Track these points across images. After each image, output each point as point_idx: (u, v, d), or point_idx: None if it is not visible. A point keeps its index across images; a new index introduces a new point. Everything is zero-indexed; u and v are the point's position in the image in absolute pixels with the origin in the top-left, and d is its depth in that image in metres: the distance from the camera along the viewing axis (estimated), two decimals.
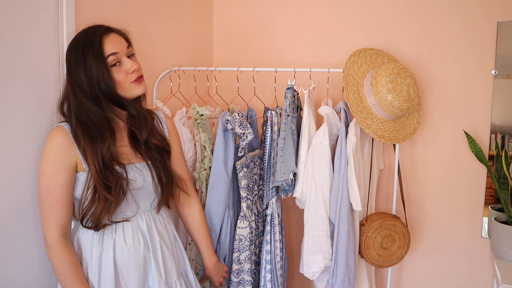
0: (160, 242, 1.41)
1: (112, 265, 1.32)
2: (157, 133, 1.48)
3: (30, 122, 1.39)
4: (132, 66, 1.32)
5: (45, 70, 1.43)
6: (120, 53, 1.31)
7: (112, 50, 1.29)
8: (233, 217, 1.81)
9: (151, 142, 1.44)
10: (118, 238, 1.34)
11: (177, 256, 1.50)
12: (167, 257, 1.42)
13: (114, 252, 1.33)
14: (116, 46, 1.30)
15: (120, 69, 1.31)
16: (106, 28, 1.33)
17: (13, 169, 1.35)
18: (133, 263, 1.35)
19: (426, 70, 2.00)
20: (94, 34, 1.29)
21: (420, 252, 2.09)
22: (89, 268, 1.32)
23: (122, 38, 1.36)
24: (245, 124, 1.71)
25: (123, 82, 1.31)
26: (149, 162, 1.42)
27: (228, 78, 2.22)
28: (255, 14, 2.30)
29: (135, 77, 1.33)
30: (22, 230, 1.39)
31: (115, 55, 1.30)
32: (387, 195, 2.09)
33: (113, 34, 1.33)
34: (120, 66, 1.31)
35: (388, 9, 2.04)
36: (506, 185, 1.81)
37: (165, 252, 1.42)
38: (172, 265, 1.44)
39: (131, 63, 1.33)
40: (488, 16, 1.88)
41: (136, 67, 1.34)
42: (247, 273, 1.77)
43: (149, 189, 1.41)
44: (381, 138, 1.72)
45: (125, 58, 1.33)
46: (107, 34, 1.31)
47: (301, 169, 1.73)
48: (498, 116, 1.90)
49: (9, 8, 1.31)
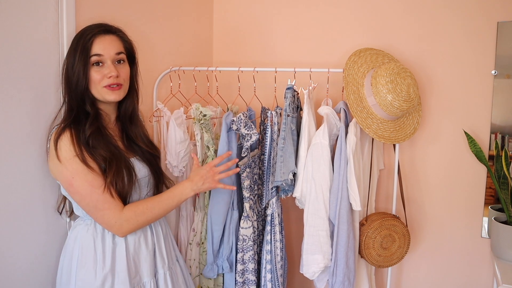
0: (160, 230, 1.51)
1: (125, 255, 1.37)
2: (146, 139, 1.54)
3: (30, 122, 1.39)
4: (110, 72, 1.35)
5: (45, 70, 1.43)
6: (105, 56, 1.35)
7: (97, 51, 1.34)
8: (237, 217, 1.81)
9: (141, 146, 1.50)
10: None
11: (171, 243, 1.59)
12: (166, 244, 1.53)
13: (126, 242, 1.39)
14: (103, 48, 1.35)
15: (99, 70, 1.36)
16: (105, 29, 1.37)
17: (13, 168, 1.35)
18: (144, 252, 1.42)
19: (426, 70, 2.00)
20: (91, 31, 1.35)
21: (420, 252, 2.09)
22: (102, 259, 1.35)
23: (119, 43, 1.40)
24: (250, 124, 1.72)
25: (97, 83, 1.36)
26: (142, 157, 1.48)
27: (228, 78, 2.22)
28: (255, 14, 2.30)
29: (109, 83, 1.36)
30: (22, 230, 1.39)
31: (99, 56, 1.34)
32: (387, 195, 2.09)
33: (110, 36, 1.37)
34: (101, 67, 1.36)
35: (388, 9, 2.04)
36: (506, 185, 1.81)
37: (164, 239, 1.52)
38: (169, 251, 1.55)
39: (110, 69, 1.36)
40: (488, 16, 1.88)
41: (114, 74, 1.36)
42: (251, 273, 1.78)
43: (145, 181, 1.47)
44: (381, 138, 1.72)
45: (109, 63, 1.36)
46: (103, 34, 1.35)
47: (301, 169, 1.73)
48: (498, 116, 1.90)
49: (9, 8, 1.31)
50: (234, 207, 1.80)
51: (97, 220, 1.34)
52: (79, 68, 1.32)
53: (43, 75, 1.43)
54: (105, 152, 1.33)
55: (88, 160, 1.29)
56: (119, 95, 1.40)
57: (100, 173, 1.31)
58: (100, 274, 1.33)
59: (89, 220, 1.38)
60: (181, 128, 1.77)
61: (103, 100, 1.40)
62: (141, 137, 1.51)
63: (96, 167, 1.31)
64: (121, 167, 1.35)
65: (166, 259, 1.51)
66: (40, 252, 1.45)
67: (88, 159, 1.29)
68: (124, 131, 1.49)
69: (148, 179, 1.47)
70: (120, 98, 1.42)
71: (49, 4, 1.43)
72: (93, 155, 1.30)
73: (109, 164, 1.32)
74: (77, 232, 1.39)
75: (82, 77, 1.32)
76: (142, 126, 1.56)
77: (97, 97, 1.38)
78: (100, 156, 1.31)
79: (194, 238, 1.86)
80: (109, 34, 1.37)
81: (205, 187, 1.49)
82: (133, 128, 1.50)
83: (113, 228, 1.33)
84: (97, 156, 1.31)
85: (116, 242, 1.38)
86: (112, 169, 1.32)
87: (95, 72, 1.35)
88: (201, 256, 1.86)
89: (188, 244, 1.87)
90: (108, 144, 1.36)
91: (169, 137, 1.77)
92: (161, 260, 1.49)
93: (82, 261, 1.34)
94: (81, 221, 1.41)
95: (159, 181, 1.52)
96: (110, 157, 1.33)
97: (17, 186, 1.36)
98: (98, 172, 1.31)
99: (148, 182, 1.47)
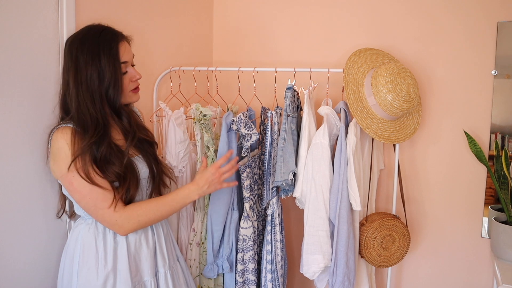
0: (161, 229, 1.51)
1: (126, 253, 1.37)
2: (142, 128, 1.54)
3: (30, 121, 1.39)
4: (135, 76, 1.43)
5: (45, 70, 1.43)
6: (129, 62, 1.41)
7: (125, 59, 1.39)
8: (237, 217, 1.81)
9: (139, 136, 1.50)
10: None
11: (172, 242, 1.59)
12: (167, 244, 1.53)
13: (127, 240, 1.39)
14: (128, 55, 1.41)
15: (126, 77, 1.40)
16: (121, 34, 1.40)
17: (13, 168, 1.35)
18: (145, 250, 1.43)
19: (426, 70, 2.00)
20: (112, 39, 1.35)
21: (420, 252, 2.09)
22: (104, 259, 1.35)
23: (130, 47, 1.44)
24: (250, 124, 1.72)
25: (126, 88, 1.41)
26: (142, 155, 1.47)
27: (228, 78, 2.22)
28: (255, 14, 2.30)
29: (134, 86, 1.45)
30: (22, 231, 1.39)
31: (126, 63, 1.39)
32: (387, 195, 2.09)
33: (125, 42, 1.41)
34: (126, 74, 1.40)
35: (388, 9, 2.04)
36: (506, 185, 1.81)
37: (165, 239, 1.52)
38: (170, 250, 1.54)
39: (135, 73, 1.43)
40: (488, 16, 1.88)
41: (139, 77, 1.45)
42: (251, 273, 1.78)
43: (147, 180, 1.47)
44: (381, 138, 1.72)
45: (131, 67, 1.43)
46: (122, 41, 1.39)
47: (301, 169, 1.73)
48: (498, 116, 1.90)
49: (9, 8, 1.31)
50: (234, 207, 1.80)
51: (97, 219, 1.34)
52: (111, 75, 1.32)
53: (43, 75, 1.42)
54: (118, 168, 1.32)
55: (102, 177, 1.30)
56: (139, 96, 1.50)
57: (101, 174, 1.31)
58: (102, 273, 1.33)
59: (90, 219, 1.38)
60: (181, 128, 1.77)
61: (125, 103, 1.45)
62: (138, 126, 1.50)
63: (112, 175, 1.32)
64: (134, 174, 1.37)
65: (167, 259, 1.51)
66: (41, 252, 1.45)
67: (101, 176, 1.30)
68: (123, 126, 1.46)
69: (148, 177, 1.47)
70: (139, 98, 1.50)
71: (49, 4, 1.43)
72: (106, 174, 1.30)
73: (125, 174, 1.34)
74: (78, 232, 1.38)
75: (119, 85, 1.35)
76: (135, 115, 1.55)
77: (123, 101, 1.43)
78: (114, 174, 1.31)
79: (194, 238, 1.86)
80: (124, 40, 1.41)
81: (210, 190, 1.50)
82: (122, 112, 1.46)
83: (114, 227, 1.33)
84: (111, 175, 1.31)
85: (117, 240, 1.38)
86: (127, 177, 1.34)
87: (125, 79, 1.39)
88: (201, 256, 1.86)
89: (188, 244, 1.87)
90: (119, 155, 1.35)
91: (169, 137, 1.77)
92: (162, 260, 1.49)
93: (83, 260, 1.34)
94: (82, 220, 1.41)
95: (157, 173, 1.50)
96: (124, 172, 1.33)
97: (17, 186, 1.36)
98: (99, 173, 1.30)
99: (148, 179, 1.48)
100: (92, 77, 1.31)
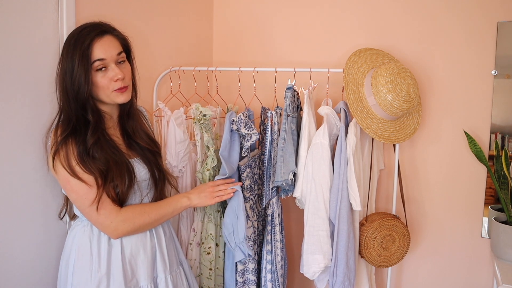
0: (162, 232, 1.48)
1: (120, 257, 1.35)
2: (144, 135, 1.50)
3: (30, 121, 1.39)
4: (116, 75, 1.32)
5: (44, 70, 1.43)
6: (107, 59, 1.31)
7: (100, 56, 1.29)
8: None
9: (140, 144, 1.47)
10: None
11: (175, 246, 1.56)
12: (169, 247, 1.50)
13: (122, 245, 1.36)
14: (105, 52, 1.30)
15: (105, 75, 1.32)
16: (101, 30, 1.31)
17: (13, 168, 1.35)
18: (141, 255, 1.39)
19: (426, 70, 2.00)
20: (87, 35, 1.28)
21: (420, 252, 2.09)
22: (98, 262, 1.33)
23: (117, 42, 1.35)
24: (250, 124, 1.72)
25: (106, 88, 1.33)
26: (142, 158, 1.45)
27: (228, 78, 2.22)
28: (255, 14, 2.30)
29: (118, 87, 1.34)
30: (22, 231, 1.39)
31: (102, 61, 1.30)
32: (387, 195, 2.09)
33: (107, 37, 1.32)
34: (106, 72, 1.32)
35: (388, 9, 2.04)
36: (506, 185, 1.81)
37: (167, 243, 1.48)
38: (172, 255, 1.51)
39: (116, 72, 1.32)
40: (488, 16, 1.88)
41: (121, 76, 1.33)
42: (252, 273, 1.78)
43: (145, 184, 1.45)
44: (381, 138, 1.72)
45: (113, 65, 1.32)
46: (101, 36, 1.30)
47: (301, 169, 1.73)
48: (498, 116, 1.90)
49: (9, 8, 1.31)
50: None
51: (91, 221, 1.32)
52: (80, 75, 1.26)
53: (43, 75, 1.42)
54: (103, 164, 1.30)
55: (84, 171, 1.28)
56: (128, 96, 1.39)
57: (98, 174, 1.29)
58: (95, 277, 1.31)
59: (86, 221, 1.36)
60: (181, 128, 1.77)
61: (113, 103, 1.39)
62: (139, 132, 1.48)
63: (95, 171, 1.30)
64: (123, 171, 1.33)
65: (168, 263, 1.47)
66: (40, 253, 1.45)
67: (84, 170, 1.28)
68: (125, 128, 1.47)
69: (149, 181, 1.46)
70: (129, 99, 1.40)
71: (49, 4, 1.43)
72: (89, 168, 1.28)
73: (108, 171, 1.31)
74: (75, 233, 1.38)
75: (84, 84, 1.26)
76: (142, 122, 1.54)
77: (106, 101, 1.36)
78: (97, 169, 1.28)
79: (194, 238, 1.85)
80: (106, 35, 1.32)
81: (199, 202, 1.53)
82: (130, 122, 1.46)
83: (108, 229, 1.31)
84: (94, 170, 1.28)
85: (111, 244, 1.36)
86: (111, 174, 1.31)
87: (101, 78, 1.31)
88: (201, 256, 1.86)
89: (188, 244, 1.87)
90: (109, 151, 1.33)
91: (169, 137, 1.77)
92: (163, 264, 1.45)
93: (78, 263, 1.33)
94: (79, 221, 1.39)
95: (159, 180, 1.49)
96: (107, 168, 1.30)
97: (17, 186, 1.36)
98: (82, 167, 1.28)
99: (148, 184, 1.46)
100: (66, 75, 1.28)
